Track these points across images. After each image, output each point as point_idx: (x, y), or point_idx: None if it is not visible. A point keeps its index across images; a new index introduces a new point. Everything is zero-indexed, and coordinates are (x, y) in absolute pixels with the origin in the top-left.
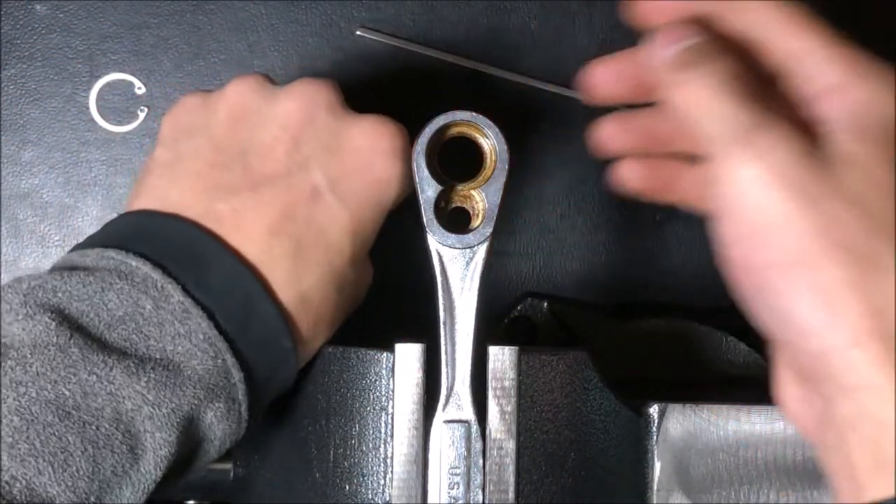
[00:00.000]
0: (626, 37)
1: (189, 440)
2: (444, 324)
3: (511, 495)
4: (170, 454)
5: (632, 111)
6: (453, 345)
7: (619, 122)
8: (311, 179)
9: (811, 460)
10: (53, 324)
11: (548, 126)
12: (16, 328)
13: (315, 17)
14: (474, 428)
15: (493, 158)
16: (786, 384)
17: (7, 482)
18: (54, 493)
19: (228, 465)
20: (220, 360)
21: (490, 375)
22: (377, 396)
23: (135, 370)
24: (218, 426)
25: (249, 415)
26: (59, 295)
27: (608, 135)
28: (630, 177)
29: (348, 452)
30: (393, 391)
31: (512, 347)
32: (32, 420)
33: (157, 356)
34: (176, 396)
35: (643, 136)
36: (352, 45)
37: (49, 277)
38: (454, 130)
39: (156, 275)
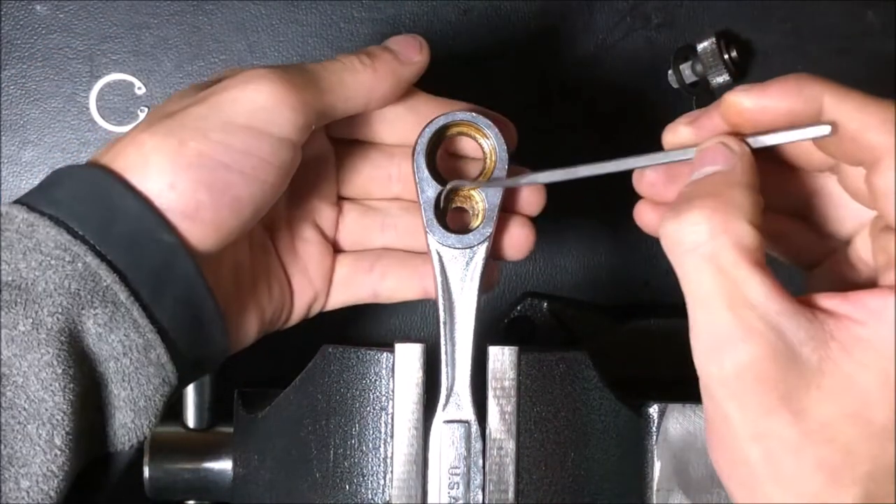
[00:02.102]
0: (625, 37)
1: (80, 358)
2: (444, 324)
3: (511, 495)
4: (57, 375)
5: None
6: (453, 345)
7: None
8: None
9: None
10: None
11: (548, 125)
12: None
13: (315, 17)
14: (474, 428)
15: (493, 158)
16: None
17: None
18: None
19: (228, 466)
20: (79, 264)
21: (490, 375)
22: (377, 396)
23: None
24: (109, 336)
25: (160, 326)
26: None
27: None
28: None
29: (348, 452)
30: (393, 391)
31: (512, 347)
32: None
33: (8, 279)
34: (31, 311)
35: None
36: (352, 45)
37: None
38: (454, 130)
39: (5, 207)
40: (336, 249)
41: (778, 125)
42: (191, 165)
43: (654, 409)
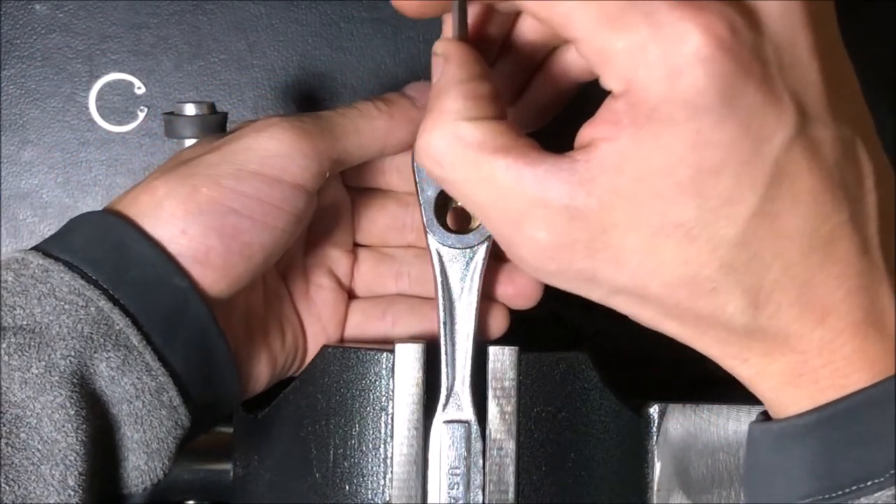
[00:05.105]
0: None
1: (93, 400)
2: (444, 324)
3: (511, 495)
4: (69, 417)
5: None
6: (453, 345)
7: None
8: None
9: None
10: None
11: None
12: None
13: (315, 17)
14: (474, 428)
15: None
16: None
17: None
18: None
19: (228, 466)
20: (92, 309)
21: (490, 375)
22: (377, 396)
23: None
24: (122, 379)
25: (172, 369)
26: None
27: None
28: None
29: (348, 452)
30: (393, 391)
31: (512, 347)
32: None
33: (23, 323)
34: (43, 354)
35: None
36: (352, 45)
37: None
38: None
39: (21, 253)
40: (350, 296)
41: None
42: (202, 211)
43: (654, 410)
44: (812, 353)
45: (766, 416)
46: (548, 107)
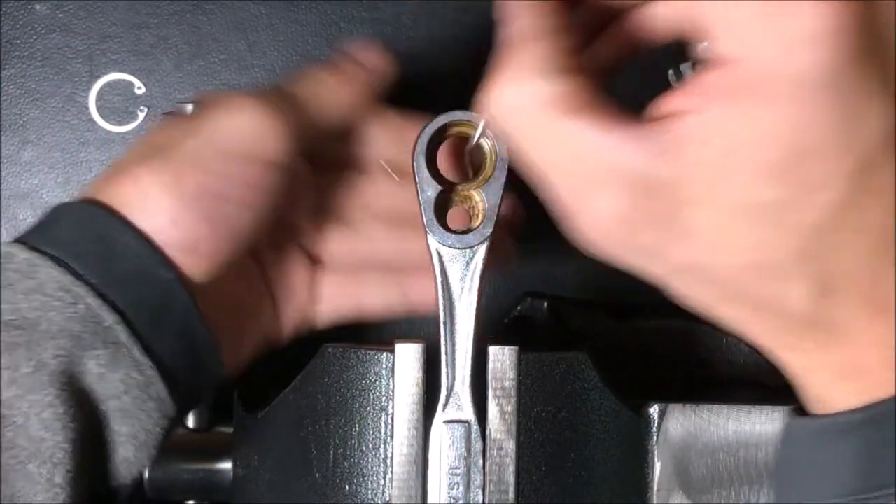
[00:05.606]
0: None
1: (81, 397)
2: (444, 324)
3: (511, 495)
4: (58, 415)
5: None
6: (453, 345)
7: None
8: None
9: None
10: None
11: None
12: None
13: (315, 17)
14: (474, 428)
15: (493, 158)
16: None
17: None
18: None
19: (228, 466)
20: (81, 306)
21: (490, 375)
22: (377, 396)
23: None
24: (110, 376)
25: (159, 361)
26: None
27: None
28: None
29: (348, 452)
30: (393, 391)
31: (512, 347)
32: None
33: (10, 317)
34: (33, 353)
35: None
36: None
37: None
38: (454, 130)
39: (5, 246)
40: (320, 268)
41: None
42: (192, 199)
43: (654, 410)
44: (868, 347)
45: (799, 413)
46: (611, 66)
